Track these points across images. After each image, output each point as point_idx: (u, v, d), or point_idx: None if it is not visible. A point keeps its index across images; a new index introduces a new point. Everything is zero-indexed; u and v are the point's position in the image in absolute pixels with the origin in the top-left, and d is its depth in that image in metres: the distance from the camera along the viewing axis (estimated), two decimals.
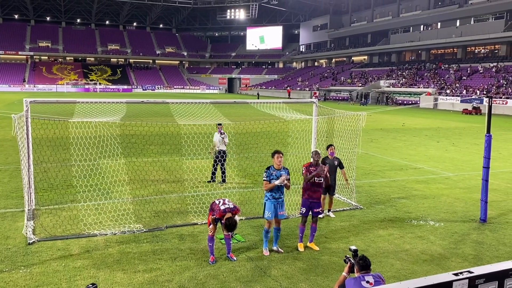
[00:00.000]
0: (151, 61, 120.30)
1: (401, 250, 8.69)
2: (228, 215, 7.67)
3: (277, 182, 8.16)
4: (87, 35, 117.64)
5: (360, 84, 79.37)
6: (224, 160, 13.74)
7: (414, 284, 3.45)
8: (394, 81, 74.57)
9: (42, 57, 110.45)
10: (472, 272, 3.67)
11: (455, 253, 8.63)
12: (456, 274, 3.62)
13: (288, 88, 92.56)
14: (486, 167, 10.43)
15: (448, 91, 61.53)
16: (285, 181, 8.21)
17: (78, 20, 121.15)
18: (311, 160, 9.17)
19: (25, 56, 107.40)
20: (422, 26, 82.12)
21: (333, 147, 10.83)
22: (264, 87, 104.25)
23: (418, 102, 62.71)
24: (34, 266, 7.63)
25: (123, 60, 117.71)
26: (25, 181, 9.89)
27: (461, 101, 56.12)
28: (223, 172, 13.88)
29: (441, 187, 14.19)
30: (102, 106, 11.48)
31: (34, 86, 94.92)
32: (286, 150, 13.27)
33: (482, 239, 9.44)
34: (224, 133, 13.84)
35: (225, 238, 8.09)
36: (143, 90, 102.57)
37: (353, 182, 12.14)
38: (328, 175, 9.13)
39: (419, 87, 67.65)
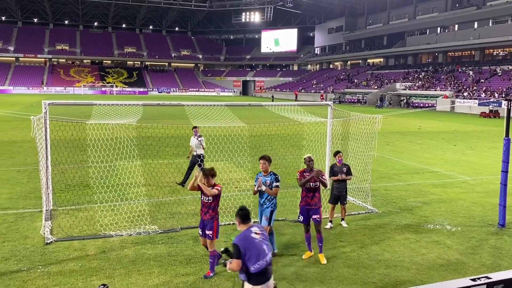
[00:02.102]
0: (166, 64, 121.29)
1: (417, 255, 8.59)
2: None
3: (255, 187, 8.15)
4: (104, 38, 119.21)
5: (376, 87, 78.77)
6: (202, 164, 13.26)
7: None
8: (410, 83, 73.83)
9: (60, 60, 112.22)
10: (490, 278, 3.62)
11: (472, 258, 8.50)
12: (473, 280, 3.58)
13: (296, 90, 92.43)
14: (505, 171, 10.24)
15: (465, 94, 60.67)
16: (262, 186, 7.99)
17: (95, 24, 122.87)
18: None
19: (43, 59, 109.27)
20: (439, 28, 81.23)
21: (341, 154, 10.33)
22: (278, 90, 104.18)
23: (435, 105, 61.96)
24: (51, 266, 7.74)
25: (139, 63, 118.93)
26: (43, 182, 10.06)
27: (479, 104, 55.26)
28: (188, 176, 13.26)
29: (458, 191, 13.99)
30: (119, 109, 11.61)
31: (52, 89, 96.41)
32: (300, 152, 13.25)
33: (500, 245, 9.27)
34: (201, 136, 13.51)
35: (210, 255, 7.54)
36: (159, 92, 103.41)
37: (368, 185, 12.05)
38: (325, 179, 8.47)
39: (435, 90, 66.83)
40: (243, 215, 5.36)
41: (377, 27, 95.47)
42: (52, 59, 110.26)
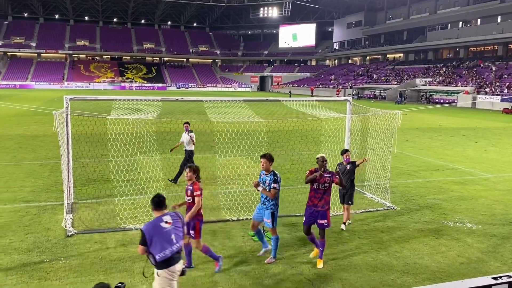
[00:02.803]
0: (184, 59, 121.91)
1: (436, 252, 8.49)
2: None
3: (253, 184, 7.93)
4: (123, 34, 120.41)
5: (395, 82, 77.78)
6: (192, 160, 13.18)
7: (451, 287, 3.38)
8: (431, 79, 72.67)
9: (80, 56, 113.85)
10: None
11: (493, 257, 8.36)
12: (495, 278, 3.53)
13: (312, 86, 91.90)
14: None
15: (487, 90, 59.43)
16: (258, 187, 7.73)
17: (115, 20, 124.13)
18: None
19: (64, 55, 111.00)
20: (460, 23, 79.59)
21: (348, 153, 9.97)
22: (296, 85, 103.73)
23: (456, 101, 60.90)
24: (72, 258, 7.90)
25: (158, 58, 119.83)
26: (65, 175, 10.24)
27: (502, 100, 54.08)
28: (181, 173, 13.06)
29: (479, 188, 13.76)
30: (139, 104, 11.74)
31: (73, 84, 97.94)
32: (318, 149, 13.20)
33: None
34: (191, 131, 13.37)
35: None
36: (177, 88, 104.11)
37: (387, 182, 11.94)
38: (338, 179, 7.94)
39: (456, 86, 65.66)
40: (157, 202, 5.48)
41: (397, 21, 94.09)
42: (73, 55, 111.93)
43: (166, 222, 5.41)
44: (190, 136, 13.23)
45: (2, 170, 14.69)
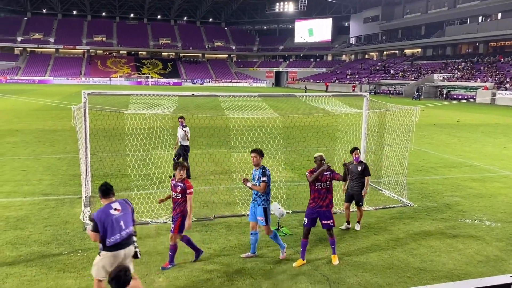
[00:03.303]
0: (200, 55, 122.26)
1: (454, 250, 8.39)
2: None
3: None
4: (139, 30, 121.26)
5: (413, 78, 76.82)
6: (187, 156, 13.14)
7: (469, 285, 3.34)
8: (449, 74, 71.56)
9: (97, 51, 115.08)
10: None
11: None
12: None
13: (327, 81, 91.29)
14: None
15: (507, 85, 58.27)
16: (248, 183, 7.61)
17: (131, 15, 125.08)
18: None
19: (82, 50, 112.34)
20: (480, 17, 78.09)
21: (358, 151, 9.59)
22: (311, 81, 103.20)
23: (474, 97, 59.88)
24: (90, 250, 8.02)
25: (173, 54, 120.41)
26: (83, 169, 10.38)
27: None
28: (188, 169, 13.21)
29: (499, 186, 13.52)
30: (155, 99, 11.83)
31: (90, 79, 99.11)
32: (334, 145, 13.14)
33: None
34: (186, 126, 13.29)
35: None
36: (193, 83, 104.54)
37: (404, 178, 11.83)
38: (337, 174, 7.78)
39: (475, 81, 64.52)
40: (104, 190, 5.84)
41: (414, 16, 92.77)
42: (90, 50, 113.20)
43: (115, 209, 5.73)
44: (185, 131, 13.16)
45: (22, 164, 14.97)
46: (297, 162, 15.51)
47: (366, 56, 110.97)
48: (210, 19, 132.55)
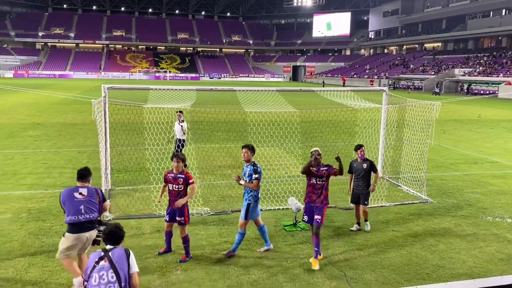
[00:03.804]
0: (218, 49, 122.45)
1: (474, 247, 8.26)
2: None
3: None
4: (158, 24, 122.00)
5: (433, 73, 75.58)
6: (182, 150, 13.13)
7: (490, 283, 3.27)
8: (470, 69, 70.16)
9: (116, 46, 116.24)
10: None
11: None
12: None
13: (344, 76, 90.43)
14: None
15: None
16: (240, 180, 7.53)
17: (150, 10, 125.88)
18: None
19: (101, 45, 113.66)
20: (504, 10, 76.17)
21: (363, 148, 9.13)
22: (329, 75, 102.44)
23: (496, 92, 58.59)
24: None
25: (191, 48, 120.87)
26: (102, 162, 10.55)
27: None
28: (184, 160, 13.18)
29: None
30: (174, 93, 11.91)
31: (109, 74, 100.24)
32: (353, 140, 13.04)
33: None
34: (183, 121, 13.28)
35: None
36: (210, 78, 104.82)
37: (423, 174, 11.68)
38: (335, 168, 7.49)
39: (498, 76, 63.12)
40: (79, 173, 6.42)
41: (435, 10, 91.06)
42: (109, 45, 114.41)
43: (80, 194, 6.23)
44: (181, 126, 13.18)
45: (44, 157, 15.27)
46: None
47: (385, 51, 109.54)
48: (228, 14, 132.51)
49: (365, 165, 8.96)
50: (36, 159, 14.87)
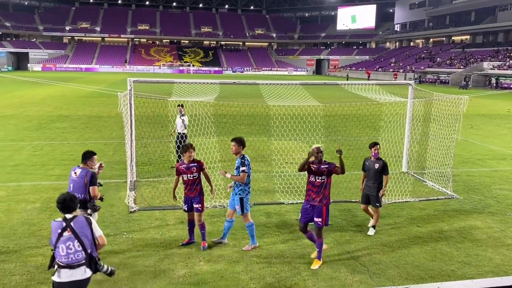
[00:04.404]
0: (241, 43, 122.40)
1: (501, 245, 8.08)
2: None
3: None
4: (182, 18, 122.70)
5: (461, 66, 73.77)
6: (184, 143, 13.16)
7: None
8: (500, 63, 68.16)
9: (141, 40, 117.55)
10: None
11: None
12: None
13: (368, 70, 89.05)
14: None
15: None
16: (226, 174, 7.55)
17: (174, 4, 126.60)
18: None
19: (126, 39, 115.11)
20: None
21: (378, 146, 8.57)
22: (354, 69, 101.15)
23: None
24: (135, 233, 8.32)
25: (215, 42, 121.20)
26: (128, 154, 10.74)
27: None
28: (179, 157, 12.89)
29: None
30: (197, 87, 11.99)
31: (134, 67, 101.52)
32: (377, 134, 12.89)
33: None
34: (184, 115, 13.12)
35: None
36: (233, 72, 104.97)
37: (449, 170, 11.46)
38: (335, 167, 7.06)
39: None
40: (83, 154, 7.19)
41: (464, 1, 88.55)
42: (134, 39, 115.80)
43: (75, 173, 6.95)
44: (182, 120, 13.09)
45: (71, 148, 15.63)
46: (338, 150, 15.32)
47: (411, 44, 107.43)
48: (251, 7, 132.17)
49: (377, 165, 8.42)
50: (63, 151, 15.24)
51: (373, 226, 8.56)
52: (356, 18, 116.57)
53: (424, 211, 9.88)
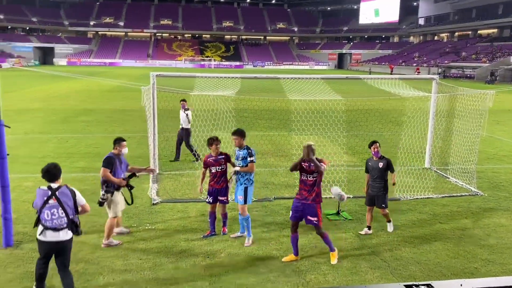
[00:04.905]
0: (262, 37, 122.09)
1: None
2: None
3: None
4: (204, 13, 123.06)
5: (487, 61, 71.98)
6: (188, 139, 13.06)
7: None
8: None
9: (163, 35, 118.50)
10: None
11: None
12: None
13: (391, 64, 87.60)
14: None
15: None
16: (235, 168, 7.67)
17: None
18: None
19: (149, 34, 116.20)
20: None
21: (377, 144, 8.28)
22: (376, 63, 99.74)
23: None
24: (157, 224, 8.47)
25: (236, 36, 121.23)
26: (151, 148, 10.90)
27: None
28: (192, 151, 13.09)
29: None
30: (219, 81, 12.06)
31: (157, 62, 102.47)
32: (400, 129, 12.73)
33: None
34: (188, 109, 13.05)
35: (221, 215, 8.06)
36: (253, 66, 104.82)
37: (473, 166, 11.26)
38: (322, 168, 6.85)
39: None
40: (116, 140, 8.00)
41: None
42: (157, 34, 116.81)
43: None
44: (186, 114, 13.07)
45: (96, 141, 15.94)
46: (359, 147, 15.23)
47: (436, 38, 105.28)
48: (273, 1, 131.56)
49: (381, 164, 8.10)
50: (88, 143, 15.56)
51: (389, 221, 8.35)
52: (379, 12, 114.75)
53: (447, 208, 9.75)
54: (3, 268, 6.64)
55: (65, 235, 5.62)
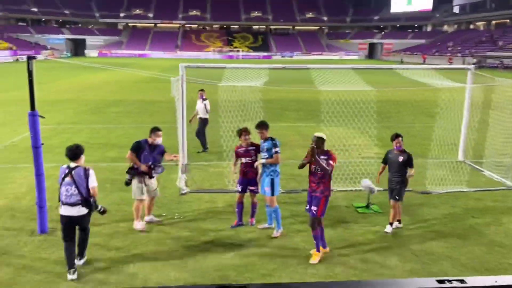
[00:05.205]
0: (291, 27, 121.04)
1: None
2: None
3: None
4: (232, 3, 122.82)
5: None
6: (205, 129, 13.13)
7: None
8: None
9: (192, 26, 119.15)
10: None
11: None
12: None
13: (424, 54, 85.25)
14: None
15: None
16: (261, 160, 7.70)
17: None
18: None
19: (177, 25, 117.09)
20: None
21: (400, 138, 8.04)
22: (408, 53, 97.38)
23: None
24: (186, 214, 8.57)
25: (264, 27, 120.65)
26: (180, 138, 11.00)
27: None
28: (202, 141, 13.32)
29: None
30: (247, 72, 12.02)
31: (185, 53, 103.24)
32: (432, 121, 12.40)
33: None
34: (206, 99, 12.96)
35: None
36: (282, 57, 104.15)
37: (510, 159, 10.85)
38: (315, 158, 6.78)
39: None
40: (153, 129, 8.20)
41: None
42: (185, 25, 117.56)
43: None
44: (204, 104, 13.06)
45: (126, 132, 16.23)
46: (389, 139, 14.90)
47: (471, 26, 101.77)
48: None
49: (401, 158, 7.87)
50: (118, 134, 15.86)
51: (391, 223, 7.94)
52: (411, 0, 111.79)
53: (481, 202, 9.45)
54: (38, 254, 6.86)
55: (79, 211, 6.14)
